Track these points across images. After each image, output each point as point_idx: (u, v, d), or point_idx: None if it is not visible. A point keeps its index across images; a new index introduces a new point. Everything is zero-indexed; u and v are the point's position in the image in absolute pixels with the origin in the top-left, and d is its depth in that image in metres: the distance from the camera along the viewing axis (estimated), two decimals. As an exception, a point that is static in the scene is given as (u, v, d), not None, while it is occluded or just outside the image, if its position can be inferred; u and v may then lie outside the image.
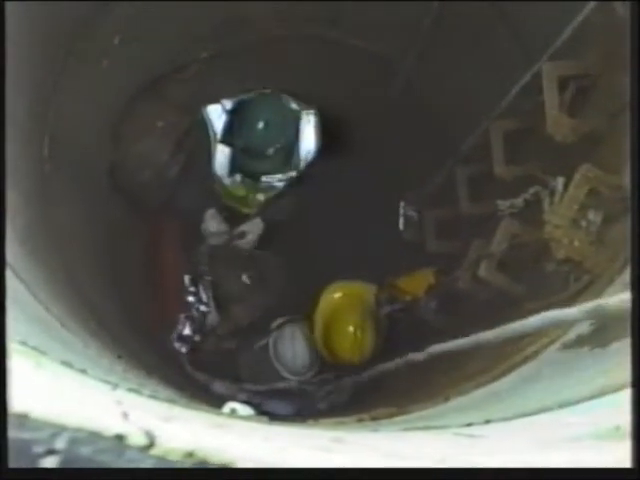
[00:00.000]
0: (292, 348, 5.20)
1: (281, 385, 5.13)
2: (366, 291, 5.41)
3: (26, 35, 2.99)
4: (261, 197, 5.38)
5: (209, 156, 5.03)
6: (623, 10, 3.01)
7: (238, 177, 5.24)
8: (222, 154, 5.03)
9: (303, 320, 5.39)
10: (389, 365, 3.67)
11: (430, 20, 4.42)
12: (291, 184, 5.33)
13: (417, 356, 3.00)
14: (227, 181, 5.21)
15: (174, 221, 5.61)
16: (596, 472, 1.22)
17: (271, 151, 5.09)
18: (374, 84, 5.49)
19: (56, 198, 3.61)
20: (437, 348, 2.74)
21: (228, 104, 5.01)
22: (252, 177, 5.27)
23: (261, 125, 4.95)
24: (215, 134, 4.98)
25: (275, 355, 5.17)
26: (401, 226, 5.87)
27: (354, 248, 5.64)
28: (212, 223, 5.23)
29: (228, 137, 5.02)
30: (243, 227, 5.39)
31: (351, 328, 5.25)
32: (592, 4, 3.14)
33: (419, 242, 5.77)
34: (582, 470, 1.26)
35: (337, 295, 5.39)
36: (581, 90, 3.39)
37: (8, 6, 1.50)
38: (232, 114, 5.01)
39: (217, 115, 4.99)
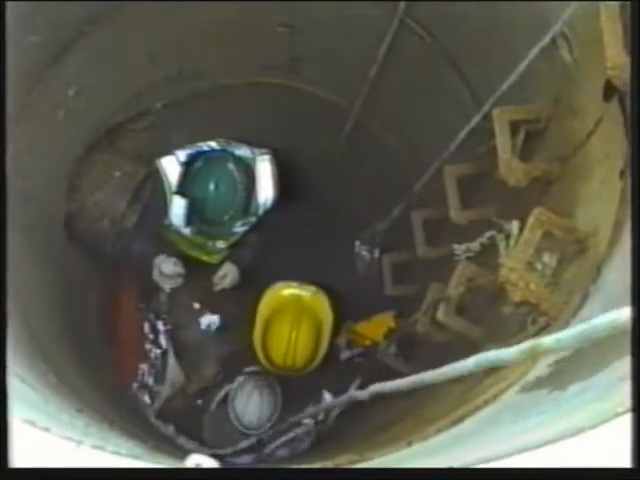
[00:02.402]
0: (247, 404, 5.23)
1: (244, 445, 5.16)
2: (308, 293, 5.44)
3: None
4: (222, 244, 5.37)
5: (166, 206, 5.02)
6: (570, 58, 3.09)
7: (195, 228, 5.23)
8: (178, 205, 5.00)
9: (262, 374, 5.41)
10: (333, 402, 3.67)
11: (378, 66, 4.49)
12: (251, 228, 5.34)
13: (360, 394, 3.00)
14: (185, 231, 5.19)
15: (131, 270, 5.59)
16: (596, 472, 1.23)
17: (226, 218, 5.10)
18: (327, 129, 5.54)
19: (12, 249, 3.58)
20: (379, 387, 2.75)
21: (182, 156, 5.01)
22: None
23: (212, 187, 4.95)
24: (170, 186, 4.97)
25: (232, 411, 5.22)
26: (358, 266, 5.92)
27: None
28: (166, 265, 5.17)
29: (183, 189, 5.00)
30: (222, 271, 5.37)
31: (286, 329, 5.25)
32: (536, 50, 3.22)
33: (371, 278, 5.82)
34: (582, 470, 1.28)
35: (278, 295, 5.41)
36: (532, 134, 3.46)
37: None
38: (186, 166, 5.00)
39: (172, 167, 4.97)
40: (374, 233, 5.79)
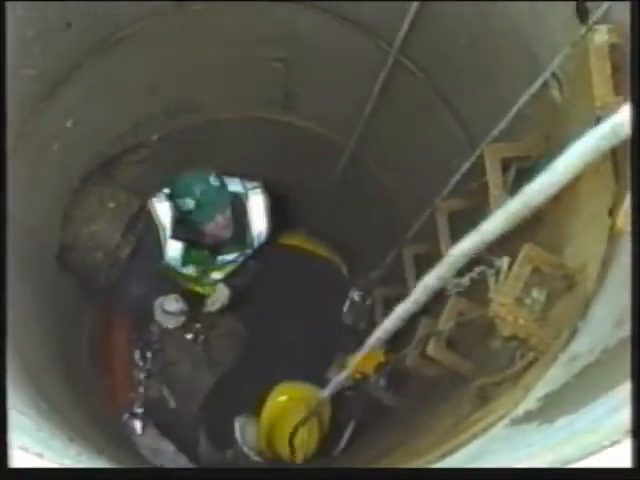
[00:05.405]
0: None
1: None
2: (310, 393, 5.43)
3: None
4: (217, 275, 5.39)
5: (159, 244, 4.99)
6: (560, 97, 3.14)
7: (191, 267, 5.23)
8: (173, 249, 5.00)
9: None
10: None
11: (372, 102, 4.52)
12: (245, 260, 5.37)
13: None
14: (181, 269, 5.21)
15: (124, 301, 5.57)
16: (596, 472, 1.24)
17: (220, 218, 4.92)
18: (322, 165, 5.57)
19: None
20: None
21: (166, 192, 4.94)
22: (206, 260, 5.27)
23: (192, 205, 4.78)
24: (164, 229, 4.92)
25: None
26: (345, 309, 5.91)
27: (304, 330, 5.68)
28: (169, 303, 5.08)
29: (178, 233, 4.96)
30: (215, 294, 5.39)
31: (297, 431, 5.21)
32: (526, 97, 3.28)
33: (356, 326, 5.83)
34: (582, 470, 1.29)
35: (282, 398, 5.38)
36: (523, 171, 3.49)
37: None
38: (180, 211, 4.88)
39: (163, 210, 4.92)
40: (368, 281, 5.80)
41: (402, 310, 2.14)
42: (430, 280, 1.97)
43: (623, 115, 1.50)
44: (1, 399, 0.91)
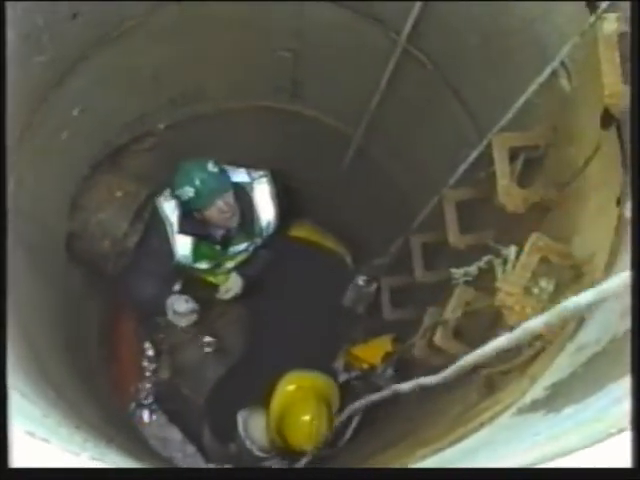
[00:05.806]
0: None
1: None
2: (318, 381, 5.42)
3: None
4: (230, 264, 5.41)
5: (168, 243, 5.03)
6: (568, 86, 3.13)
7: (204, 263, 5.25)
8: (183, 247, 5.04)
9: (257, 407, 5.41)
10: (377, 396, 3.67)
11: (380, 93, 4.50)
12: (256, 249, 5.39)
13: (403, 387, 3.02)
14: (193, 266, 5.24)
15: (136, 303, 5.57)
16: (596, 472, 1.24)
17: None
18: (329, 155, 5.56)
19: (15, 268, 3.59)
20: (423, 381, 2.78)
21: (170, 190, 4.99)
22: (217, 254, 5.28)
23: (191, 193, 4.81)
24: (172, 226, 4.97)
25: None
26: (347, 292, 5.90)
27: (310, 320, 5.68)
28: (179, 304, 5.11)
29: (185, 227, 4.99)
30: (228, 283, 5.43)
31: (307, 417, 5.18)
32: (534, 86, 3.28)
33: (354, 309, 5.84)
34: (582, 470, 1.29)
35: (291, 388, 5.37)
36: (531, 161, 3.49)
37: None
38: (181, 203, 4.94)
39: (171, 208, 4.97)
40: (372, 268, 5.80)
41: (497, 344, 2.14)
42: (534, 324, 1.98)
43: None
44: (2, 399, 0.91)
